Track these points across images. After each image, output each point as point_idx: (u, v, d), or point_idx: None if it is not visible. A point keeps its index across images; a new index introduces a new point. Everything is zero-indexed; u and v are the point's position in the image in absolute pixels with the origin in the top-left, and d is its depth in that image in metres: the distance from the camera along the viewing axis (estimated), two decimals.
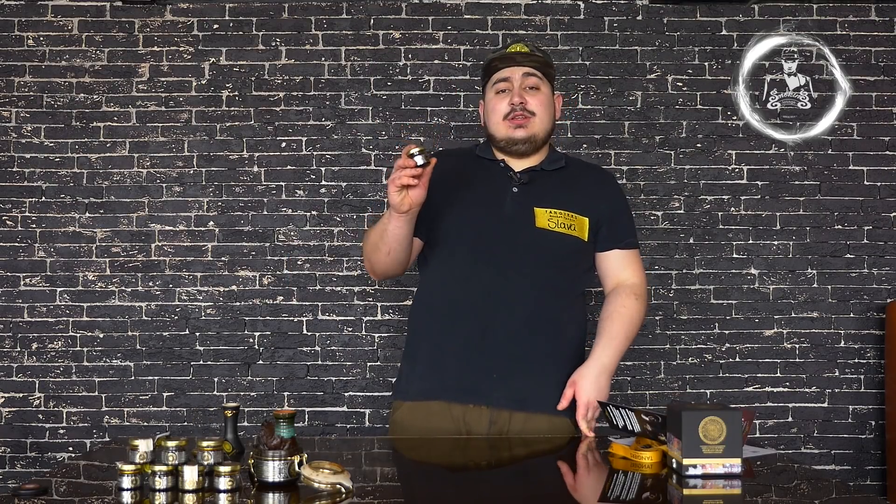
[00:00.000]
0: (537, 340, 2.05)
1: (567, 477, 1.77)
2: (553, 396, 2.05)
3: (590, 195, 2.17)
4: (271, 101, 3.10)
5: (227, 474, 1.41)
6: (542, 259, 2.07)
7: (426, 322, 2.13)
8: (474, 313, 2.04)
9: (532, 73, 2.15)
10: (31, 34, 3.08)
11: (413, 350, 2.16)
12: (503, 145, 2.16)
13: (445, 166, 2.11)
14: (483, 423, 2.01)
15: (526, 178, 2.14)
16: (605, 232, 2.16)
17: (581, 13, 3.12)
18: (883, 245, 3.10)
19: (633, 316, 2.12)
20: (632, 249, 2.19)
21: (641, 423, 1.74)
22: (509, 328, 2.03)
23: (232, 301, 3.07)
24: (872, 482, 3.07)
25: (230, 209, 3.08)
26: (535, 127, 2.13)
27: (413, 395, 2.09)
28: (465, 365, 2.03)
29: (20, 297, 3.05)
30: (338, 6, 3.11)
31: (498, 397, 2.02)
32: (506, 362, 2.03)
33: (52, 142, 3.08)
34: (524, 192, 2.12)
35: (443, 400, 2.03)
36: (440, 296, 2.11)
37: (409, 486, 1.65)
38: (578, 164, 2.31)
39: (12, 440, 3.02)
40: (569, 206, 2.12)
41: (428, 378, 2.07)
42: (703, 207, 3.11)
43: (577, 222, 2.11)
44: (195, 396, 3.05)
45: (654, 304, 3.09)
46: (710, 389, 3.08)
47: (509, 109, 2.12)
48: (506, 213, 2.08)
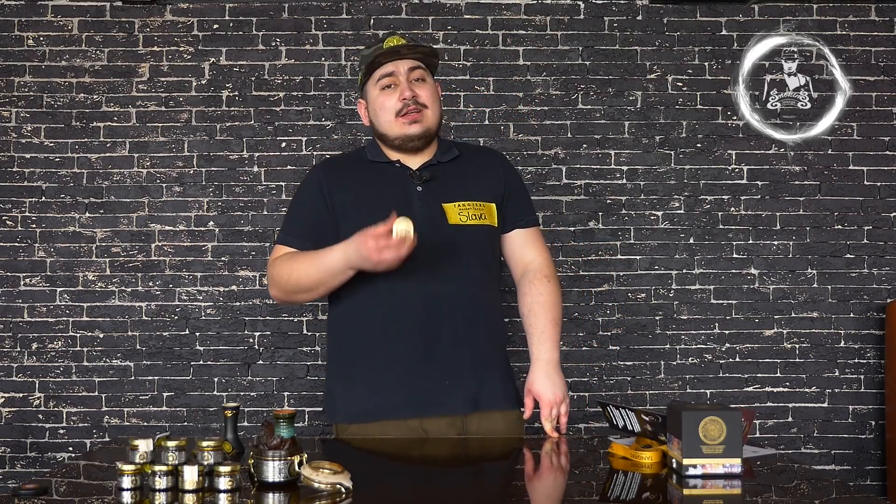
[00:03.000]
0: (479, 337, 2.03)
1: (567, 477, 1.77)
2: (500, 391, 2.04)
3: (489, 178, 2.12)
4: (271, 101, 3.10)
5: (227, 474, 1.40)
6: (464, 256, 2.03)
7: (360, 339, 2.04)
8: (414, 323, 1.98)
9: (417, 66, 2.07)
10: (31, 34, 3.08)
11: (348, 369, 2.05)
12: (398, 143, 2.07)
13: (342, 177, 2.07)
14: (442, 429, 1.98)
15: (427, 174, 2.07)
16: (507, 212, 2.11)
17: (581, 13, 3.12)
18: (883, 245, 3.10)
19: (553, 300, 2.08)
20: (532, 227, 2.15)
21: (641, 423, 1.74)
22: (453, 332, 1.99)
23: (232, 301, 3.07)
24: (872, 482, 3.07)
25: (230, 209, 3.08)
26: (428, 120, 2.06)
27: (357, 416, 2.01)
28: (414, 378, 1.98)
29: (20, 297, 3.05)
30: (338, 6, 3.11)
31: (455, 403, 1.99)
32: (455, 367, 1.99)
33: (52, 142, 3.08)
34: (428, 190, 2.05)
35: (396, 418, 1.98)
36: (370, 311, 2.02)
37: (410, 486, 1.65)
38: (468, 148, 2.24)
39: (12, 440, 3.02)
40: (475, 196, 2.07)
41: (373, 398, 2.00)
42: (703, 207, 3.11)
43: (486, 210, 2.07)
44: (195, 396, 3.05)
45: (654, 304, 3.09)
46: (710, 389, 3.08)
47: (401, 105, 2.03)
48: (417, 216, 1.94)
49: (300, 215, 2.09)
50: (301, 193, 2.13)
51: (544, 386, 2.02)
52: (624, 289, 3.10)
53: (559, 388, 2.02)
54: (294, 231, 2.07)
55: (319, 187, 2.07)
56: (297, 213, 2.10)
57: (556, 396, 2.01)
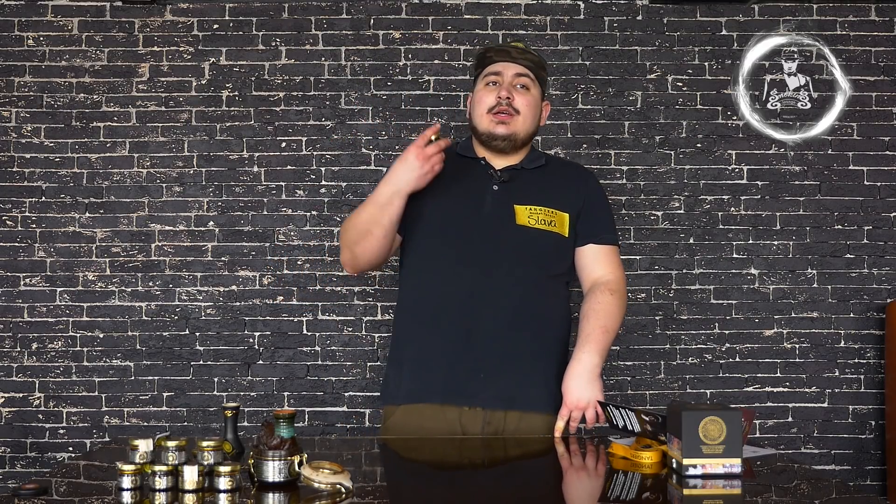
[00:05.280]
0: (522, 338, 2.04)
1: (567, 477, 1.77)
2: (540, 395, 2.05)
3: (569, 190, 2.16)
4: (271, 101, 3.10)
5: (227, 474, 1.41)
6: (523, 256, 2.06)
7: (410, 324, 2.10)
8: (459, 313, 2.03)
9: (524, 74, 2.14)
10: (31, 34, 3.08)
11: (398, 353, 2.13)
12: (484, 138, 2.14)
13: None
14: (478, 424, 2.00)
15: (506, 175, 2.12)
16: (581, 227, 2.15)
17: (581, 13, 3.12)
18: (883, 245, 3.11)
19: (610, 310, 2.10)
20: (609, 245, 2.18)
21: (641, 423, 1.74)
22: (494, 327, 2.02)
23: (232, 301, 3.07)
24: (872, 482, 3.07)
25: (230, 209, 3.08)
26: (517, 125, 2.11)
27: (403, 398, 2.07)
28: (452, 366, 2.02)
29: (20, 297, 3.05)
30: (338, 6, 3.11)
31: (488, 398, 2.01)
32: (492, 362, 2.01)
33: (52, 142, 3.08)
34: (504, 190, 2.11)
35: (433, 402, 2.02)
36: (423, 296, 2.08)
37: (409, 487, 1.65)
38: (558, 161, 2.30)
39: (12, 440, 3.02)
40: (549, 203, 2.11)
41: (415, 380, 2.05)
42: (703, 207, 3.11)
43: (557, 218, 2.10)
44: (195, 396, 3.05)
45: (653, 304, 3.09)
46: (710, 389, 3.08)
47: (495, 103, 2.11)
48: (486, 211, 2.07)
49: None
50: None
51: (571, 386, 2.01)
52: None
53: (586, 393, 2.00)
54: None
55: None
56: None
57: (578, 401, 1.99)
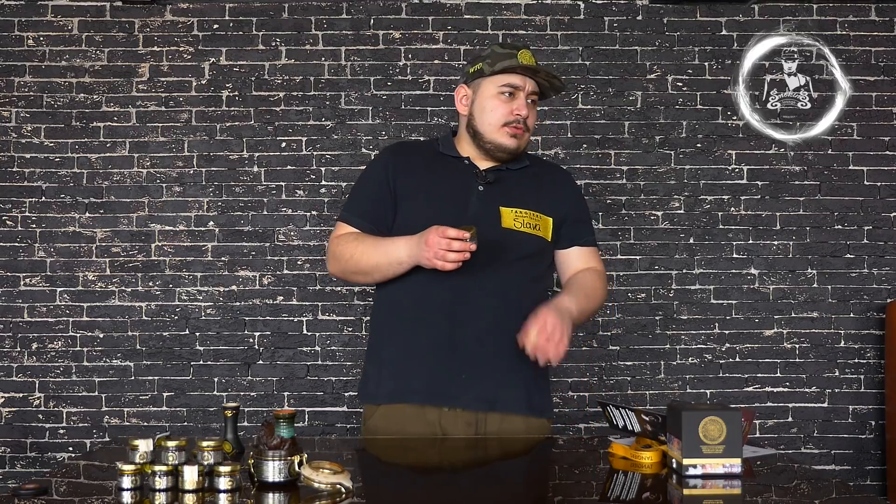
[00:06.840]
0: (505, 341, 2.02)
1: (568, 477, 1.77)
2: (523, 397, 2.04)
3: (555, 195, 2.15)
4: (271, 101, 3.10)
5: (227, 474, 1.40)
6: (508, 259, 2.04)
7: (391, 323, 2.09)
8: (442, 314, 2.01)
9: (537, 91, 2.12)
10: (31, 34, 3.08)
11: (378, 352, 2.11)
12: (489, 147, 2.10)
13: (409, 162, 2.10)
14: (459, 425, 1.99)
15: (492, 176, 2.10)
16: (566, 231, 2.14)
17: (581, 13, 3.12)
18: (883, 245, 3.11)
19: (593, 284, 2.11)
20: (591, 247, 2.19)
21: (641, 423, 1.74)
22: (477, 329, 2.01)
23: (232, 301, 3.07)
24: (872, 482, 3.07)
25: (230, 209, 3.08)
26: (524, 141, 2.11)
27: (384, 397, 2.05)
28: (434, 367, 2.00)
29: (20, 297, 3.05)
30: (338, 6, 3.11)
31: (470, 399, 2.00)
32: (474, 363, 2.00)
33: (52, 142, 3.08)
34: (490, 191, 2.09)
35: (414, 403, 2.00)
36: (405, 296, 2.06)
37: (410, 486, 1.65)
38: (540, 162, 2.28)
39: (12, 440, 3.03)
40: (534, 206, 2.10)
41: (397, 380, 2.04)
42: (703, 207, 3.11)
43: (541, 222, 2.10)
44: (195, 396, 3.05)
45: (654, 304, 3.09)
46: (710, 389, 3.08)
47: (514, 119, 2.07)
48: (471, 212, 2.03)
49: (363, 195, 2.14)
50: (367, 174, 2.17)
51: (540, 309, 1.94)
52: (624, 289, 3.10)
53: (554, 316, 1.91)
54: (356, 210, 2.11)
55: (385, 170, 2.10)
56: (361, 193, 2.15)
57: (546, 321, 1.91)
